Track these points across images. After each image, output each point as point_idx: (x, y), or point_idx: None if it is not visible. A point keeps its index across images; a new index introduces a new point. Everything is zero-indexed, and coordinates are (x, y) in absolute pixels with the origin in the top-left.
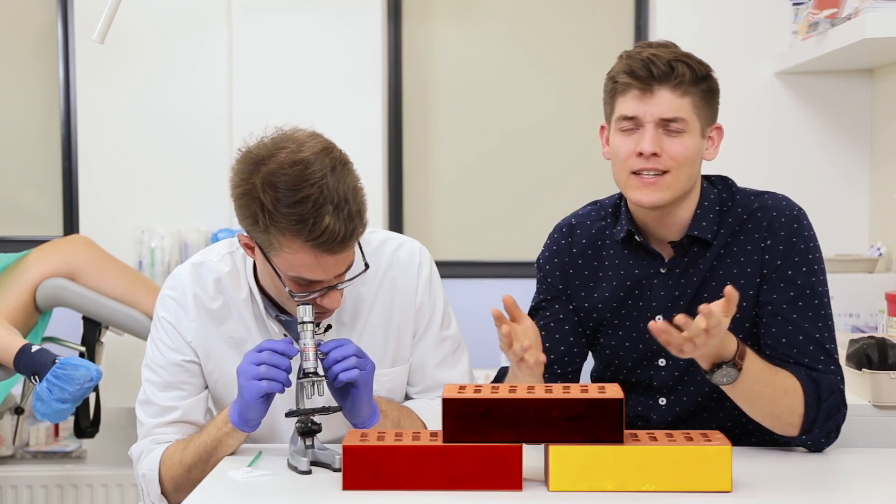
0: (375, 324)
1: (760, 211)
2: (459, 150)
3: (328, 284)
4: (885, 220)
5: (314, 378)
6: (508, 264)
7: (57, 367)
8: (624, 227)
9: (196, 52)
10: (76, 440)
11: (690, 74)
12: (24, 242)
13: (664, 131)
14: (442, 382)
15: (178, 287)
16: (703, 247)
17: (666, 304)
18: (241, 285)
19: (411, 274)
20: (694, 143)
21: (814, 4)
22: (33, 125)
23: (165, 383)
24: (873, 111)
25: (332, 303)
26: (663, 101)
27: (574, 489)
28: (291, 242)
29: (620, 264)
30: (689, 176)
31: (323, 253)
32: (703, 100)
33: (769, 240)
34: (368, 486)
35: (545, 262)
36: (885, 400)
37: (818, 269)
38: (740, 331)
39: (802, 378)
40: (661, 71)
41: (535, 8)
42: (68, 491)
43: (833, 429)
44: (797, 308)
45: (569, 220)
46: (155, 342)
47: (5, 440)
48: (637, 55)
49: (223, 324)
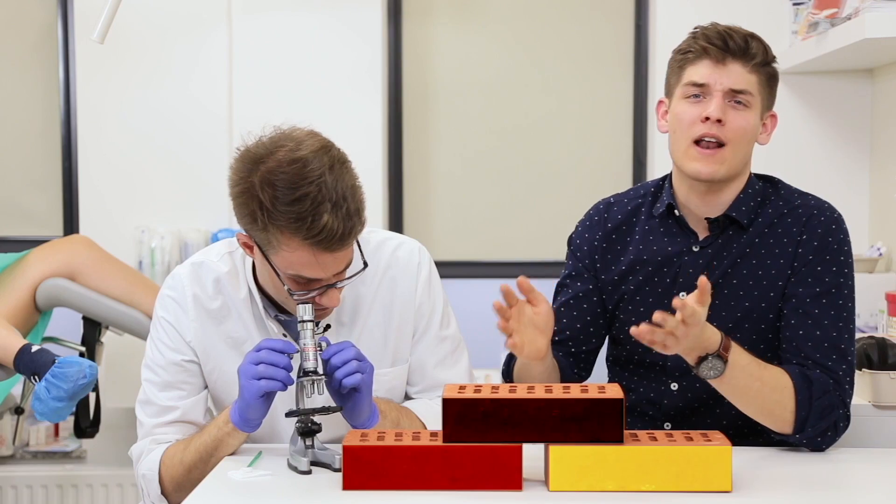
0: (375, 323)
1: (802, 207)
2: (459, 149)
3: (327, 283)
4: (885, 220)
5: (314, 377)
6: (508, 264)
7: (55, 367)
8: (664, 202)
9: (196, 52)
10: (76, 440)
11: (762, 55)
12: (24, 242)
13: (731, 104)
14: (441, 382)
15: (177, 287)
16: (739, 231)
17: (692, 282)
18: (240, 285)
19: (411, 273)
20: (755, 120)
21: (814, 4)
22: (33, 125)
23: (165, 383)
24: (873, 111)
25: (331, 301)
26: (735, 73)
27: (574, 489)
28: (290, 241)
29: (654, 240)
30: (745, 153)
31: (321, 251)
32: (767, 82)
33: (805, 235)
34: (368, 486)
35: (577, 236)
36: (885, 400)
37: (847, 273)
38: (765, 322)
39: (795, 375)
40: (736, 45)
41: (534, 8)
42: (68, 491)
43: (828, 427)
44: (819, 304)
45: (608, 199)
46: (154, 342)
47: (5, 440)
48: (713, 29)
49: (222, 324)
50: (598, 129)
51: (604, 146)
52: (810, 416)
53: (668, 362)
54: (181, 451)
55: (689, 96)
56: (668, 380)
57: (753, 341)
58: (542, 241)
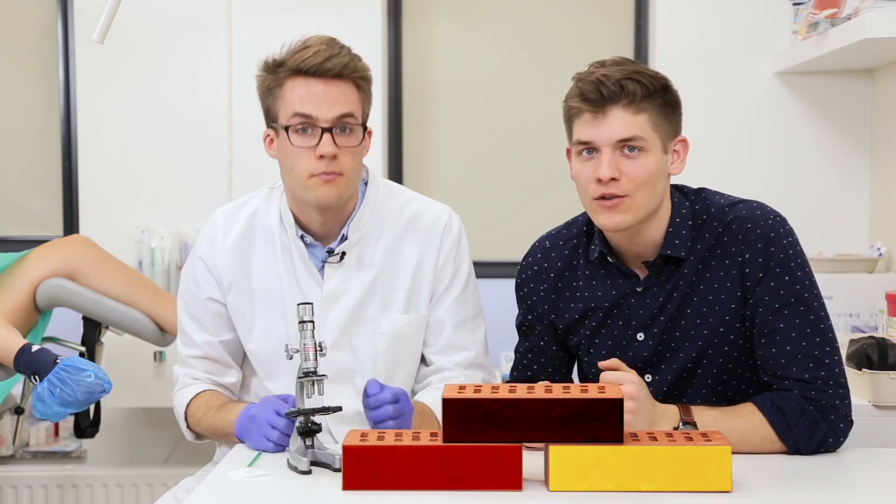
0: (393, 268)
1: (735, 223)
2: (459, 149)
3: (324, 127)
4: (885, 220)
5: (314, 377)
6: (509, 264)
7: (60, 369)
8: (597, 247)
9: (196, 52)
10: (76, 440)
11: (642, 90)
12: (24, 242)
13: (622, 153)
14: (459, 344)
15: (212, 222)
16: (679, 264)
17: (645, 321)
18: (272, 213)
19: (437, 231)
20: (655, 161)
21: (814, 4)
22: (33, 125)
23: (192, 315)
24: (873, 111)
25: (327, 148)
26: (617, 122)
27: (574, 489)
28: (288, 80)
29: (597, 285)
30: (651, 196)
31: (312, 78)
32: (660, 114)
33: (747, 254)
34: (368, 486)
35: (523, 283)
36: (885, 400)
37: (801, 275)
38: (728, 345)
39: (766, 409)
40: (610, 91)
41: (534, 8)
42: (68, 491)
43: (820, 443)
44: (784, 318)
45: (543, 242)
46: (186, 275)
47: (5, 440)
48: (587, 77)
49: (251, 254)
50: None
51: None
52: (798, 441)
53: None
54: (201, 412)
55: (581, 153)
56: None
57: (721, 366)
58: None
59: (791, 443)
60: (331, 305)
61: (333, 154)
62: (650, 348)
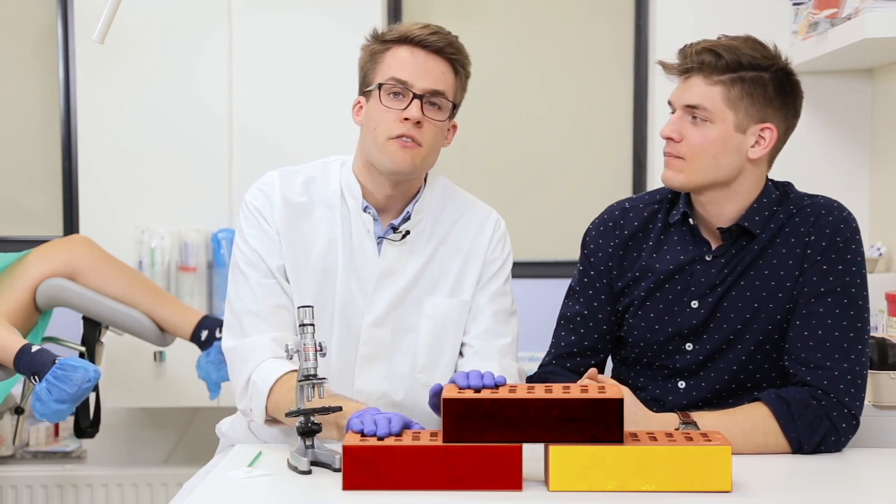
0: (442, 254)
1: (810, 207)
2: (458, 149)
3: (417, 93)
4: (885, 220)
5: (314, 380)
6: None
7: (56, 368)
8: (680, 209)
9: (196, 52)
10: (76, 440)
11: (718, 63)
12: (24, 242)
13: (691, 119)
14: (495, 332)
15: (267, 182)
16: (751, 239)
17: (703, 290)
18: (332, 182)
19: (489, 225)
20: (719, 134)
21: (814, 4)
22: (33, 125)
23: (251, 263)
24: (873, 111)
25: (414, 113)
26: (692, 88)
27: (574, 489)
28: (393, 47)
29: (668, 249)
30: (710, 166)
31: (417, 47)
32: (742, 92)
33: (813, 235)
34: (368, 486)
35: (591, 240)
36: (885, 400)
37: (854, 269)
38: (770, 322)
39: (770, 401)
40: (691, 59)
41: (534, 8)
42: (68, 491)
43: (822, 440)
44: (825, 303)
45: (622, 203)
46: (240, 232)
47: (5, 440)
48: (689, 44)
49: (306, 219)
50: (598, 128)
51: (603, 146)
52: (801, 435)
53: (678, 365)
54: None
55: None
56: (677, 378)
57: (760, 342)
58: (542, 240)
59: (794, 435)
60: (383, 281)
61: (418, 119)
62: (701, 317)
